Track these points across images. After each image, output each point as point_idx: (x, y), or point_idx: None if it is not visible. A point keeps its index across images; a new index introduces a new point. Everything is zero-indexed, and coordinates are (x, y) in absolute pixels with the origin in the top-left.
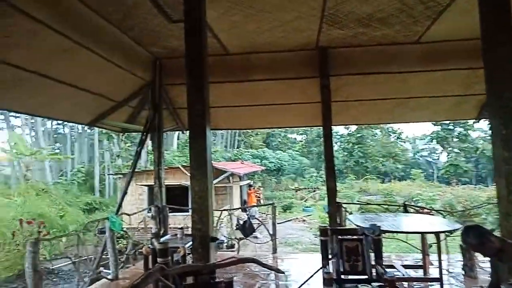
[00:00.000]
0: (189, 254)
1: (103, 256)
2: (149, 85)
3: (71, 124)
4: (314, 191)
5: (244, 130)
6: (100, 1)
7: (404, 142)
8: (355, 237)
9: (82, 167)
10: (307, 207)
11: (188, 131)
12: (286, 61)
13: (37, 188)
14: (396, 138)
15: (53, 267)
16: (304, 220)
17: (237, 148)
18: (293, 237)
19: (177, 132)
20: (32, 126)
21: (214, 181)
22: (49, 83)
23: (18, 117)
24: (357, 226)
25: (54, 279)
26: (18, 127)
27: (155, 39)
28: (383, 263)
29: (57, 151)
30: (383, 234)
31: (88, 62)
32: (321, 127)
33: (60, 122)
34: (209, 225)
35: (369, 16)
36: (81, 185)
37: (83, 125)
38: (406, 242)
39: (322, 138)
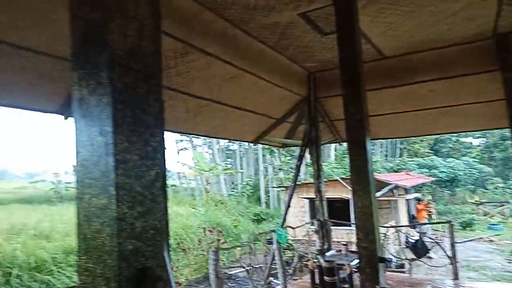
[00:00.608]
0: (355, 272)
1: (272, 266)
2: (305, 100)
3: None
4: (502, 205)
5: (409, 138)
6: (258, 27)
7: None
8: None
9: (250, 180)
10: (493, 224)
11: (345, 143)
12: (454, 56)
13: (215, 199)
14: None
15: (230, 273)
16: (491, 241)
17: (400, 157)
18: (478, 260)
19: (333, 144)
20: (209, 145)
21: (376, 194)
22: (222, 108)
23: (198, 138)
24: None
25: (232, 284)
26: (199, 146)
27: (309, 54)
28: None
29: (229, 166)
30: None
31: (252, 85)
32: (508, 129)
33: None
34: (376, 243)
35: None
36: (250, 197)
37: (249, 143)
38: None
39: (508, 141)
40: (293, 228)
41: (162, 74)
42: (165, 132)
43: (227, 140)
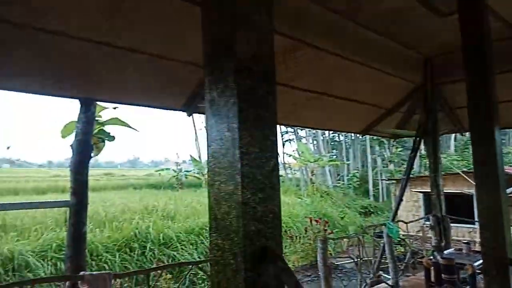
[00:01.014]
0: (478, 273)
1: (382, 260)
2: (419, 87)
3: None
4: None
5: None
6: (368, 16)
7: None
8: None
9: (356, 172)
10: None
11: (468, 133)
12: None
13: (321, 190)
14: None
15: (337, 264)
16: None
17: None
18: None
19: (453, 134)
20: (314, 136)
21: (508, 190)
22: (329, 99)
23: (302, 129)
24: None
25: (339, 275)
26: (303, 137)
27: (424, 38)
28: None
29: (334, 157)
30: None
31: (361, 75)
32: None
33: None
34: (506, 245)
35: None
36: (356, 189)
37: (357, 134)
38: None
39: None
40: (405, 222)
41: (275, 73)
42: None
43: (333, 131)
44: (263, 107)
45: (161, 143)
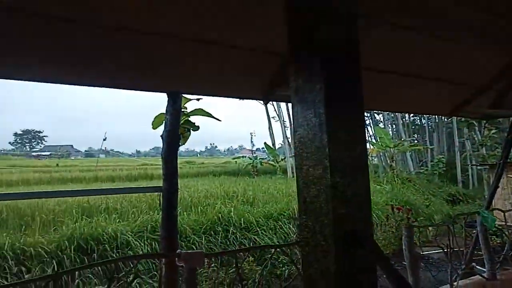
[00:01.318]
0: None
1: (474, 252)
2: None
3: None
4: None
5: None
6: None
7: None
8: None
9: (442, 157)
10: None
11: None
12: None
13: (402, 177)
14: None
15: (423, 253)
16: None
17: None
18: None
19: None
20: (392, 120)
21: None
22: (410, 80)
23: (380, 113)
24: None
25: (426, 265)
26: (380, 122)
27: None
28: None
29: (416, 141)
30: None
31: (446, 51)
32: None
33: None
34: None
35: None
36: (442, 176)
37: (444, 116)
38: None
39: None
40: (503, 211)
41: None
42: None
43: (413, 114)
44: (350, 92)
45: (236, 131)
